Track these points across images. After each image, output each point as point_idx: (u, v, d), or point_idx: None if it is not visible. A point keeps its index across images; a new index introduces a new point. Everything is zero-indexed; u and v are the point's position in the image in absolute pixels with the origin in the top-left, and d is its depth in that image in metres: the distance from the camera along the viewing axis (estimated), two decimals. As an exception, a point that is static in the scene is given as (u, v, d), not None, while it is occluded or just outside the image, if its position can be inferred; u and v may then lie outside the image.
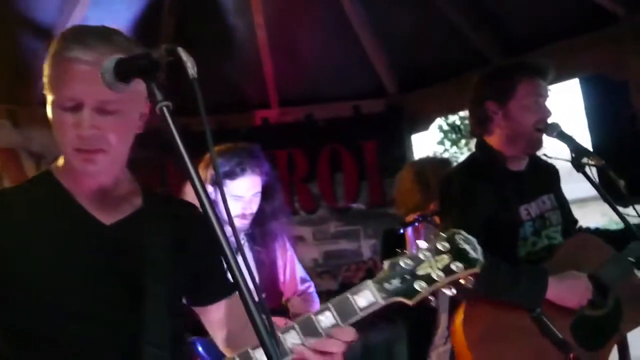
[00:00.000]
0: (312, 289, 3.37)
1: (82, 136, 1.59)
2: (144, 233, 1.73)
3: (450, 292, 1.65)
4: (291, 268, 3.28)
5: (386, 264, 1.65)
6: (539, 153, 2.98)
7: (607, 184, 2.77)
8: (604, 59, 4.63)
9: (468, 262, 1.66)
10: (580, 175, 3.11)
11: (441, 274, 1.63)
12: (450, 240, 1.68)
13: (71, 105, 1.59)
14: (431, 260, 1.65)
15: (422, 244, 1.68)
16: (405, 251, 1.67)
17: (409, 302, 1.62)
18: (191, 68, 1.30)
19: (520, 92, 2.81)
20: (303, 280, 3.33)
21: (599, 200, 2.90)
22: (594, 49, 4.67)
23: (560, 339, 2.63)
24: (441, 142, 15.60)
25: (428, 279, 1.63)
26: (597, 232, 3.13)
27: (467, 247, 1.68)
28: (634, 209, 3.01)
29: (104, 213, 1.73)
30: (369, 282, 1.62)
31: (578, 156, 2.75)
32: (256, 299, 1.23)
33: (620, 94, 4.58)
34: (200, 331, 2.14)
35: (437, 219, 3.58)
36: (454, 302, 2.89)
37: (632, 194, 2.86)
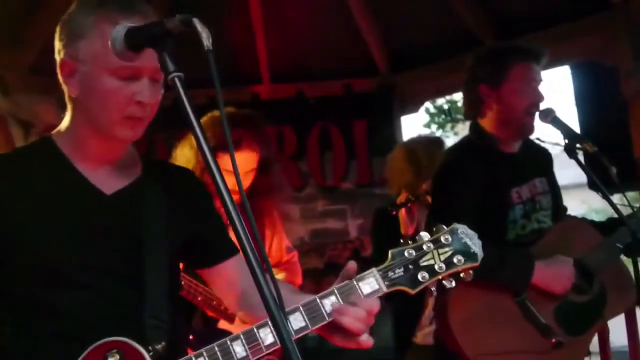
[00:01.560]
0: (296, 258, 3.34)
1: (143, 104, 1.61)
2: (143, 203, 1.73)
3: (450, 284, 1.70)
4: (278, 239, 3.23)
5: (390, 253, 1.69)
6: (532, 137, 2.98)
7: (597, 170, 2.78)
8: (595, 45, 4.65)
9: (469, 256, 1.71)
10: (561, 162, 3.14)
11: (443, 266, 1.68)
12: (453, 233, 1.73)
13: (129, 74, 1.59)
14: (434, 252, 1.69)
15: (425, 235, 1.71)
16: (409, 241, 1.70)
17: (411, 292, 1.66)
18: (206, 39, 1.28)
19: (513, 75, 2.81)
20: (288, 250, 3.31)
21: (579, 187, 2.94)
22: (586, 36, 4.69)
23: (542, 323, 2.66)
24: (427, 125, 15.66)
25: (430, 270, 1.67)
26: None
27: (468, 241, 1.73)
28: (624, 196, 3.05)
29: (105, 182, 1.71)
30: (374, 270, 1.66)
31: (571, 142, 2.77)
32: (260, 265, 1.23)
33: (610, 80, 4.57)
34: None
35: (428, 199, 3.57)
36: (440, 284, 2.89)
37: (622, 180, 2.89)
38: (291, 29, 5.65)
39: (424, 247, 1.69)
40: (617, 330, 3.43)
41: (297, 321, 1.59)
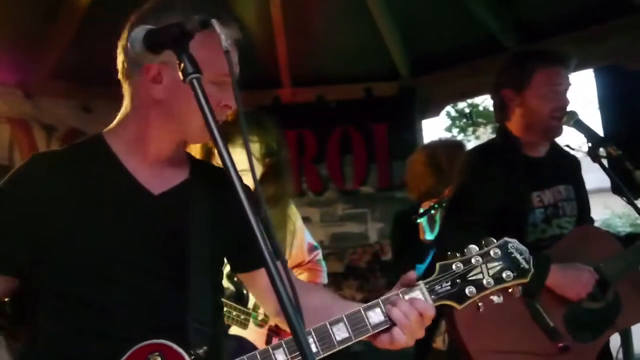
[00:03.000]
0: (320, 256, 3.30)
1: (229, 108, 1.67)
2: (189, 205, 1.73)
3: (498, 299, 1.66)
4: (299, 239, 3.17)
5: (437, 266, 1.66)
6: (562, 144, 2.99)
7: (621, 175, 2.76)
8: (620, 49, 4.61)
9: (519, 271, 1.67)
10: (584, 167, 3.13)
11: (491, 281, 1.65)
12: (503, 247, 1.69)
13: (221, 80, 1.64)
14: (482, 266, 1.66)
15: (474, 248, 1.68)
16: (456, 255, 1.67)
17: (458, 307, 1.64)
18: (225, 41, 1.29)
19: (537, 80, 2.81)
20: (311, 249, 3.27)
21: (602, 192, 2.91)
22: (610, 39, 4.65)
23: (550, 327, 2.65)
24: (449, 129, 15.57)
25: (478, 285, 1.64)
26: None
27: (518, 256, 1.69)
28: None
29: (153, 183, 1.73)
30: (421, 283, 1.63)
31: (595, 146, 2.75)
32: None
33: (634, 84, 4.56)
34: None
35: None
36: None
37: None
38: (312, 33, 5.64)
39: (473, 260, 1.66)
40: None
41: (340, 332, 1.57)
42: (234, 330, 2.84)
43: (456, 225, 2.75)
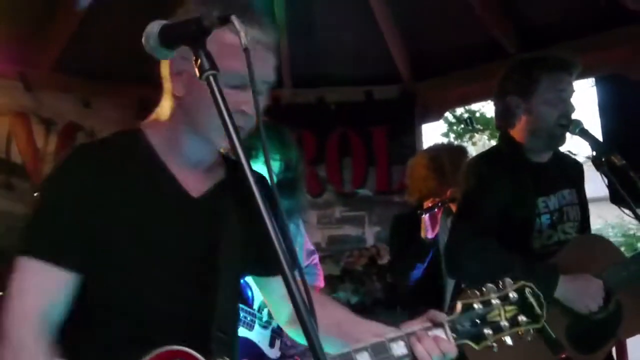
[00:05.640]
0: (317, 260, 3.31)
1: (246, 113, 1.60)
2: (224, 210, 1.72)
3: (509, 340, 1.70)
4: (299, 245, 3.19)
5: (459, 304, 1.70)
6: (564, 149, 3.00)
7: (624, 184, 2.76)
8: (621, 58, 4.63)
9: (533, 317, 1.73)
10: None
11: (507, 324, 1.70)
12: (520, 292, 1.74)
13: (239, 83, 1.58)
14: (501, 308, 1.71)
15: (492, 288, 1.73)
16: (475, 293, 1.71)
17: (475, 347, 1.68)
18: (244, 37, 1.27)
19: (543, 87, 2.82)
20: (310, 254, 3.27)
21: (596, 202, 2.93)
22: (611, 49, 4.66)
23: (552, 338, 2.62)
24: (446, 134, 15.64)
25: (495, 327, 1.69)
26: None
27: (534, 302, 1.75)
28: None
29: (191, 185, 1.71)
30: (445, 323, 1.66)
31: (599, 154, 2.75)
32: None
33: (635, 94, 4.57)
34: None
35: (453, 207, 3.61)
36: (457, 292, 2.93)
37: None
38: (313, 34, 5.65)
39: (492, 302, 1.71)
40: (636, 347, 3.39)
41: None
42: (241, 331, 2.86)
43: (465, 235, 2.75)
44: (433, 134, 15.12)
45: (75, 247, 1.55)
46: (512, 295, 1.71)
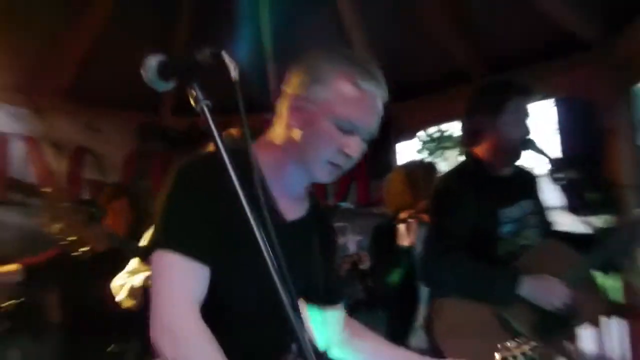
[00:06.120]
0: None
1: (349, 156, 1.70)
2: (308, 239, 1.81)
3: None
4: None
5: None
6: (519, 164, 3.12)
7: (579, 195, 3.05)
8: (579, 81, 4.80)
9: None
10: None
11: None
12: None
13: (349, 129, 1.69)
14: None
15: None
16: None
17: None
18: (233, 71, 1.34)
19: (510, 108, 2.93)
20: None
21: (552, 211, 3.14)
22: (570, 72, 4.84)
23: (518, 332, 2.74)
24: (420, 151, 16.13)
25: None
26: (567, 235, 3.23)
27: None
28: (605, 219, 3.23)
29: (286, 211, 1.77)
30: None
31: (555, 169, 3.00)
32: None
33: (590, 113, 4.78)
34: None
35: (425, 217, 3.79)
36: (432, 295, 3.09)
37: (602, 205, 3.12)
38: (297, 60, 5.83)
39: None
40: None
41: None
42: None
43: (438, 252, 2.86)
44: (408, 151, 15.48)
45: (208, 246, 1.60)
46: None
